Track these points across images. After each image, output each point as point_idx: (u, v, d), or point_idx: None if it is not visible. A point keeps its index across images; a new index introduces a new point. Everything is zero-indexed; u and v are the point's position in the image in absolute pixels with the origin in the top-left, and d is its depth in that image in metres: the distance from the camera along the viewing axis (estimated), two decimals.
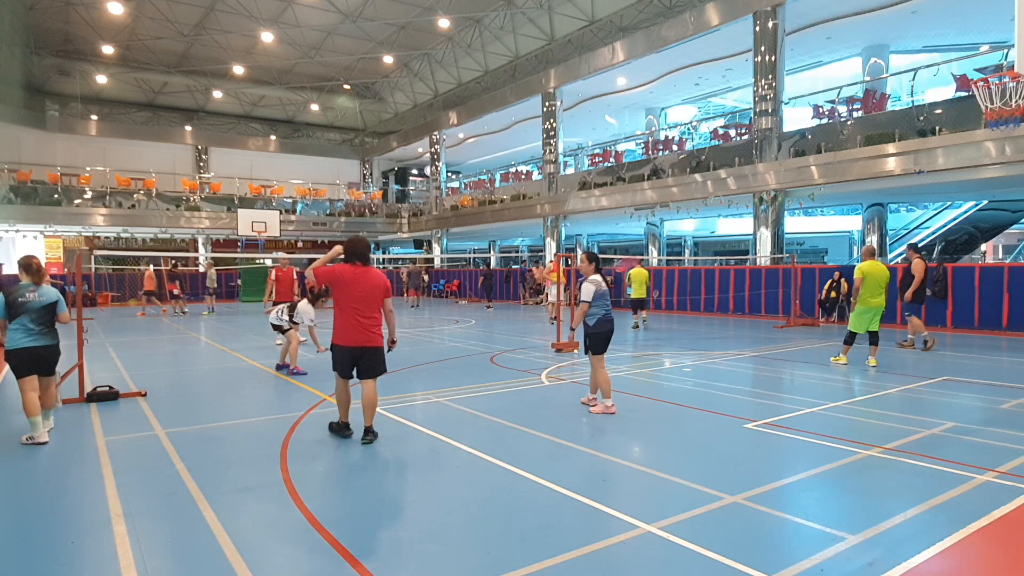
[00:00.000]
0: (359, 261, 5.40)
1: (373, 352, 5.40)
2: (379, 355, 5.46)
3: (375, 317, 5.40)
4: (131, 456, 5.17)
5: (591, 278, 6.52)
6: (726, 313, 19.23)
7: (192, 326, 17.20)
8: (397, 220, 38.10)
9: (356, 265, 5.38)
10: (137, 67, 32.97)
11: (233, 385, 8.58)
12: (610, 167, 26.44)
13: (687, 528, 3.59)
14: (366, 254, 5.47)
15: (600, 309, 6.44)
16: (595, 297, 6.41)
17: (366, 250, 5.49)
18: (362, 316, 5.32)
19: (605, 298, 6.47)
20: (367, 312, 5.34)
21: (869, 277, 9.12)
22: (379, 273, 5.49)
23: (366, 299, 5.33)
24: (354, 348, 5.33)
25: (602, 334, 6.45)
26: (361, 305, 5.32)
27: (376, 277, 5.42)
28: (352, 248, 5.43)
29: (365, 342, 5.34)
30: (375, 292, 5.38)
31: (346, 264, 5.41)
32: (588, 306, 6.41)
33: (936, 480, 4.37)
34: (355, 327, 5.30)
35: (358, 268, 5.37)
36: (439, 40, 31.35)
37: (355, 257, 5.41)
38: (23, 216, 27.93)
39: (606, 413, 6.37)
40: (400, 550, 3.42)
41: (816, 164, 17.77)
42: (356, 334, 5.31)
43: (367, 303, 5.34)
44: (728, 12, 19.70)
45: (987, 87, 12.66)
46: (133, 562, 3.27)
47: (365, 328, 5.33)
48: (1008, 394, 7.22)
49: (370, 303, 5.35)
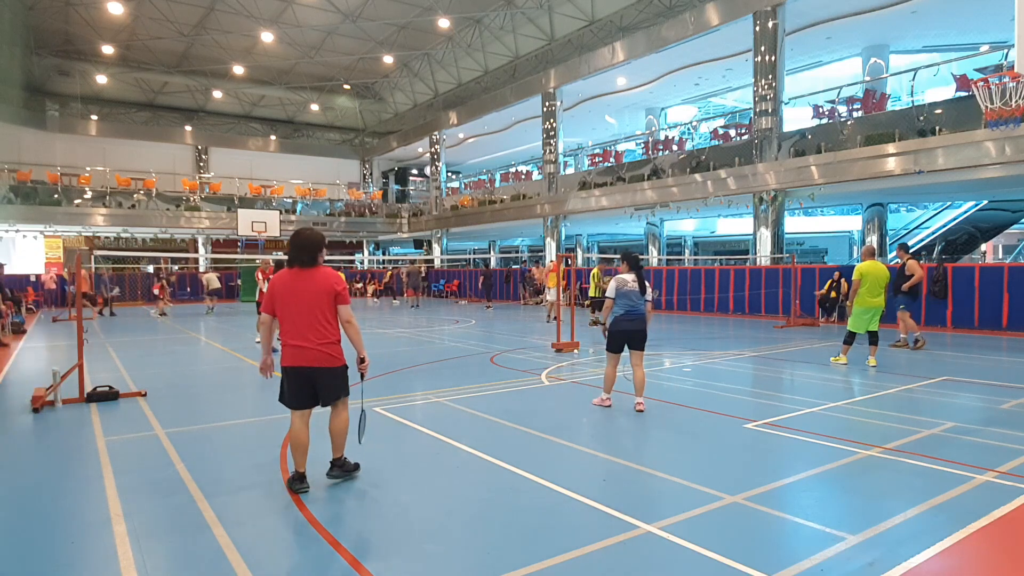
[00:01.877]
0: (299, 264, 4.28)
1: (319, 374, 4.27)
2: (329, 376, 4.29)
3: (320, 330, 4.23)
4: (131, 456, 5.17)
5: (619, 276, 6.55)
6: (726, 313, 19.23)
7: (192, 326, 17.21)
8: (397, 220, 38.11)
9: (295, 269, 4.28)
10: (137, 67, 32.96)
11: (233, 385, 8.58)
12: (610, 167, 26.44)
13: (687, 528, 3.59)
14: (312, 252, 4.29)
15: (619, 308, 6.47)
16: (616, 295, 6.45)
17: (309, 247, 4.28)
18: (300, 330, 4.22)
19: (627, 297, 6.43)
20: (307, 325, 4.21)
21: (869, 277, 9.12)
22: (328, 273, 4.34)
23: (308, 308, 4.22)
24: (295, 370, 4.25)
25: (614, 333, 6.51)
26: (296, 316, 4.22)
27: (322, 279, 4.26)
28: (291, 248, 4.31)
29: (314, 362, 4.23)
30: (319, 299, 4.24)
31: (284, 270, 4.34)
32: (612, 302, 6.49)
33: (936, 480, 4.36)
34: (293, 342, 4.24)
35: (298, 272, 4.27)
36: (439, 40, 31.35)
37: (295, 260, 4.29)
38: (23, 216, 27.94)
39: (601, 406, 6.64)
40: (400, 550, 3.42)
41: (816, 164, 17.77)
42: (301, 353, 4.22)
43: (304, 313, 4.22)
44: (728, 12, 19.70)
45: (987, 87, 12.66)
46: (133, 562, 3.27)
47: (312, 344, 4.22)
48: (1008, 394, 7.22)
49: (308, 313, 4.22)
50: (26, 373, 9.48)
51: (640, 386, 6.54)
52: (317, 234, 4.38)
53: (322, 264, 4.38)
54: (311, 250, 4.28)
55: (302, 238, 4.31)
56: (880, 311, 9.27)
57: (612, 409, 6.58)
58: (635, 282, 6.46)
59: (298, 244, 4.30)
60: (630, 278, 6.47)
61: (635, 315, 6.45)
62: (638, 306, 6.47)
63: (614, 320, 6.49)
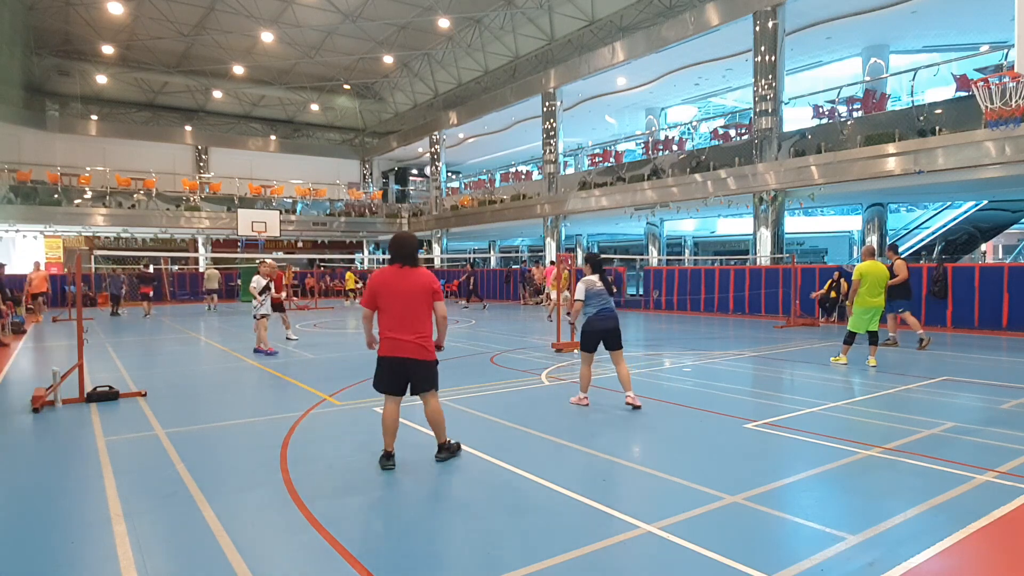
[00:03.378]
0: (400, 261, 4.73)
1: (415, 365, 4.69)
2: (424, 368, 4.72)
3: (417, 326, 4.66)
4: (131, 456, 5.17)
5: (585, 278, 6.73)
6: (726, 313, 19.23)
7: (192, 326, 17.21)
8: (397, 220, 38.11)
9: (397, 267, 4.73)
10: (137, 67, 32.96)
11: (233, 385, 8.58)
12: (610, 167, 26.43)
13: (687, 528, 3.59)
14: (407, 253, 4.75)
15: (591, 308, 6.61)
16: (587, 296, 6.61)
17: (406, 248, 4.75)
18: (399, 324, 4.65)
19: (598, 297, 6.61)
20: (406, 320, 4.65)
21: (869, 277, 9.12)
22: (426, 274, 4.77)
23: (406, 304, 4.65)
24: (392, 360, 4.69)
25: (587, 333, 6.65)
26: (396, 311, 4.66)
27: (421, 279, 4.70)
28: (393, 248, 4.80)
29: (409, 353, 4.65)
30: (417, 296, 4.66)
31: (386, 268, 4.83)
32: (581, 304, 6.63)
33: (936, 480, 4.36)
34: (392, 335, 4.67)
35: (398, 270, 4.71)
36: (439, 40, 31.35)
37: (397, 258, 4.76)
38: (23, 216, 27.94)
39: (578, 404, 6.74)
40: (400, 550, 3.42)
41: (816, 164, 17.77)
42: (397, 345, 4.65)
43: (404, 309, 4.65)
44: (728, 12, 19.70)
45: (987, 87, 12.65)
46: (133, 562, 3.27)
47: (408, 337, 4.65)
48: (1008, 394, 7.22)
49: (407, 309, 4.65)
50: (26, 373, 9.48)
51: (626, 381, 6.64)
52: (414, 237, 4.88)
53: (420, 264, 4.85)
54: (410, 251, 4.75)
55: (401, 240, 4.78)
56: (880, 311, 9.27)
57: (611, 409, 6.58)
58: (601, 282, 6.64)
59: (397, 245, 4.76)
60: (596, 279, 6.65)
61: (607, 313, 6.61)
62: (609, 304, 6.64)
63: (587, 320, 6.63)
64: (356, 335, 14.80)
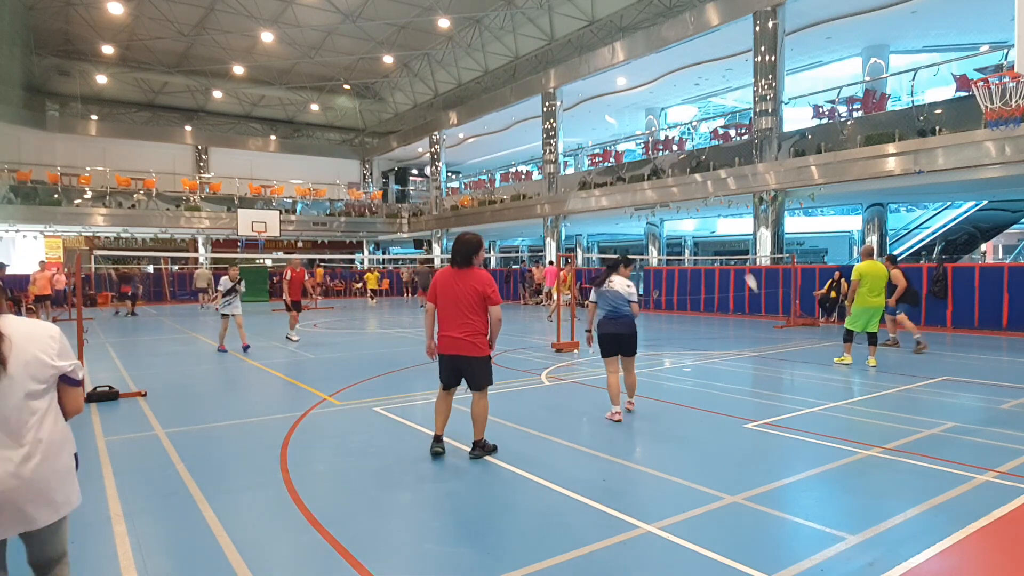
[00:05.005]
0: (456, 264, 4.97)
1: (468, 362, 4.94)
2: (476, 365, 4.95)
3: (469, 324, 4.88)
4: (131, 456, 5.17)
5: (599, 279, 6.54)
6: (726, 313, 19.23)
7: (192, 326, 17.21)
8: (397, 220, 38.11)
9: (455, 268, 4.96)
10: (137, 67, 32.94)
11: (233, 385, 8.58)
12: (610, 167, 26.43)
13: (687, 528, 3.59)
14: (461, 256, 4.94)
15: (601, 311, 6.38)
16: (597, 296, 6.40)
17: (466, 250, 4.93)
18: (454, 322, 4.90)
19: (607, 299, 6.31)
20: (459, 318, 4.89)
21: (868, 277, 9.12)
22: (482, 275, 4.94)
23: (461, 304, 4.88)
24: (448, 357, 4.98)
25: (601, 336, 6.36)
26: (451, 310, 4.91)
27: (475, 281, 4.89)
28: (452, 249, 5.02)
29: (464, 351, 4.92)
30: (471, 297, 4.87)
31: (447, 267, 5.05)
32: (595, 307, 6.44)
33: (936, 480, 4.36)
34: (448, 333, 4.94)
35: (456, 271, 4.94)
36: (439, 40, 31.35)
37: (453, 259, 5.00)
38: (23, 216, 27.94)
39: (611, 420, 6.09)
40: (400, 550, 3.42)
41: (816, 164, 17.76)
42: (453, 343, 4.92)
43: (457, 308, 4.89)
44: (728, 12, 19.70)
45: (987, 87, 12.66)
46: (133, 562, 3.27)
47: (463, 335, 4.89)
48: (1008, 394, 7.22)
49: (460, 309, 4.88)
50: None
51: (631, 388, 6.51)
52: (471, 240, 4.95)
53: (477, 266, 4.98)
54: (465, 253, 4.92)
55: (460, 243, 4.95)
56: (880, 311, 9.27)
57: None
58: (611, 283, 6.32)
59: (456, 247, 4.96)
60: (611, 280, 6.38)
61: (617, 315, 6.26)
62: (620, 307, 6.27)
63: (599, 323, 6.38)
64: (356, 335, 14.81)
